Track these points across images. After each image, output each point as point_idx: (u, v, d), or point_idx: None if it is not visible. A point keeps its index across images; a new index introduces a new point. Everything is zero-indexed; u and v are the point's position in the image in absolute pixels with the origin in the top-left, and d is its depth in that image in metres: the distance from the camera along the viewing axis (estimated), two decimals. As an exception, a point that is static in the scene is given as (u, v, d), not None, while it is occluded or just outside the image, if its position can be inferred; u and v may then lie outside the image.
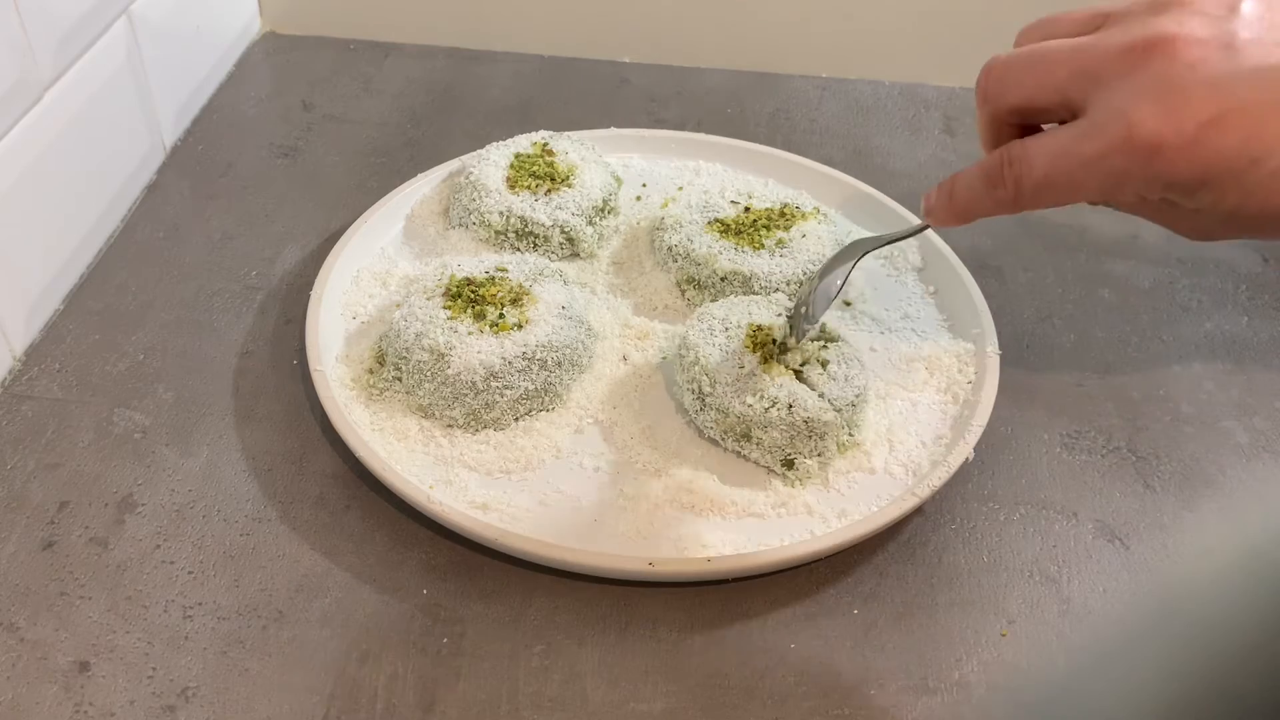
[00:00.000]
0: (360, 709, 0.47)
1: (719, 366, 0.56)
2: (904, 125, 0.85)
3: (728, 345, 0.57)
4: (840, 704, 0.48)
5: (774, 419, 0.54)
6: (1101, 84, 0.39)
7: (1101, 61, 0.40)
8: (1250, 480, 0.59)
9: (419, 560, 0.53)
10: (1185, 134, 0.37)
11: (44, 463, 0.56)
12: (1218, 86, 0.37)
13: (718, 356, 0.56)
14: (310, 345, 0.60)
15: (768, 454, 0.55)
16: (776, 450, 0.55)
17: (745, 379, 0.55)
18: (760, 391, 0.55)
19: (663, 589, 0.52)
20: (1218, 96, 0.37)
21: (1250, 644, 0.51)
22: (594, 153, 0.72)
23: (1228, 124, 0.37)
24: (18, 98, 0.60)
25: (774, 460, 0.56)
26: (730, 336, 0.57)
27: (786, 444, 0.55)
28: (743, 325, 0.58)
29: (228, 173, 0.77)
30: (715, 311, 0.59)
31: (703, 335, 0.58)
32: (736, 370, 0.56)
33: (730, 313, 0.59)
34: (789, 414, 0.54)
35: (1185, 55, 0.38)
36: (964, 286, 0.65)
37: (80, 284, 0.67)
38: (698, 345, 0.57)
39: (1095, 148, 0.39)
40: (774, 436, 0.55)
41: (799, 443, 0.55)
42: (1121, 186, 0.40)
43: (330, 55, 0.90)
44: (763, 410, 0.54)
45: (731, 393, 0.55)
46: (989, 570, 0.54)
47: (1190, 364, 0.65)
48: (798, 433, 0.54)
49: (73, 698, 0.47)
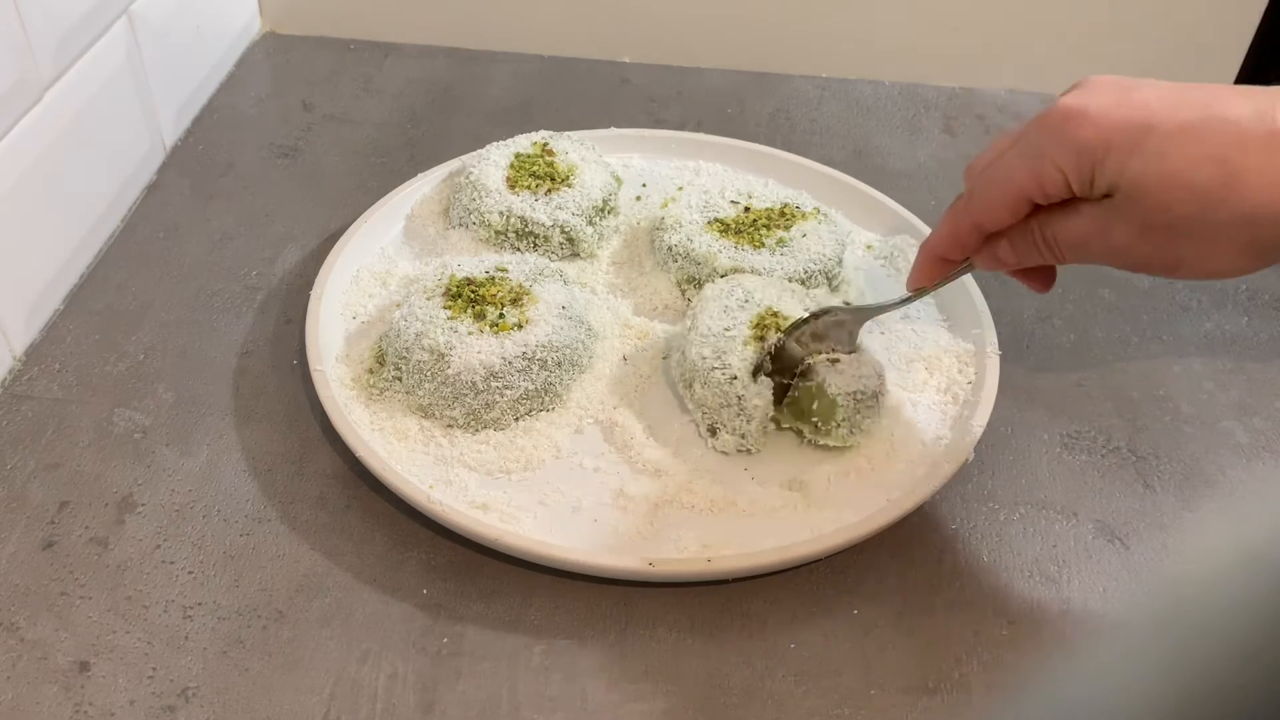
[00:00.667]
0: (360, 709, 0.47)
1: (712, 319, 0.57)
2: (904, 125, 0.85)
3: (736, 311, 0.58)
4: (840, 704, 0.48)
5: (714, 380, 0.55)
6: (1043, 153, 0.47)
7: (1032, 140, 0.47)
8: (1250, 480, 0.59)
9: (419, 560, 0.53)
10: (1091, 109, 0.45)
11: (44, 463, 0.56)
12: (1121, 88, 0.46)
13: (718, 312, 0.58)
14: (310, 345, 0.60)
15: (698, 410, 0.57)
16: (706, 410, 0.56)
17: (722, 337, 0.56)
18: (721, 352, 0.55)
19: (663, 589, 0.52)
20: (1121, 93, 0.45)
21: (1250, 644, 0.51)
22: (594, 153, 0.72)
23: (1126, 104, 0.45)
24: (18, 98, 0.60)
25: (702, 420, 0.57)
26: (745, 308, 0.58)
27: (715, 409, 0.56)
28: (763, 304, 0.58)
29: (228, 173, 0.77)
30: (747, 283, 0.60)
31: (721, 294, 0.59)
32: (722, 329, 0.57)
33: (760, 290, 0.59)
34: (728, 384, 0.55)
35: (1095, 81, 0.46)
36: (964, 286, 0.65)
37: (80, 284, 0.67)
38: (709, 298, 0.59)
39: (1020, 135, 0.48)
40: (706, 396, 0.56)
41: (725, 413, 0.56)
42: (1043, 162, 0.46)
43: (330, 55, 0.90)
44: (707, 368, 0.55)
45: (699, 340, 0.57)
46: (989, 570, 0.54)
47: (1190, 364, 0.65)
48: (727, 403, 0.55)
49: (73, 698, 0.47)
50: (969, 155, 0.81)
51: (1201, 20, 0.89)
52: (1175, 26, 0.89)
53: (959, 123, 0.85)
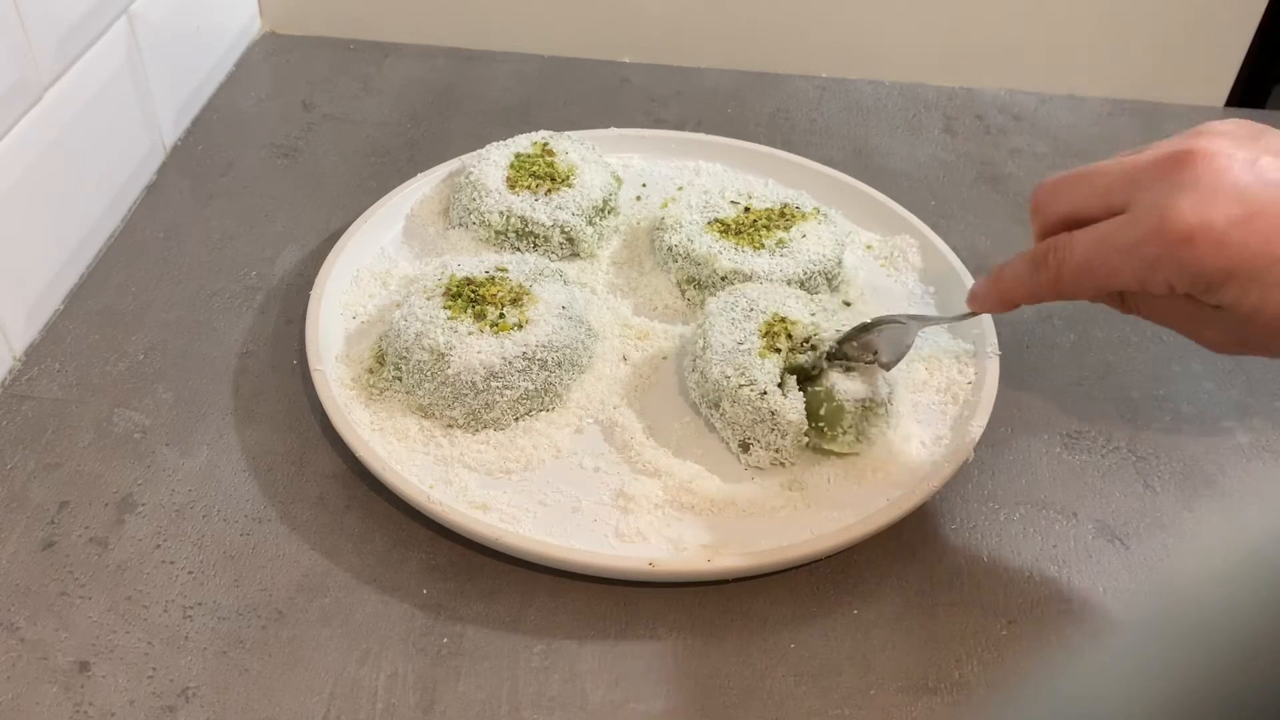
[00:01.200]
0: (360, 709, 0.47)
1: (722, 334, 0.57)
2: (904, 125, 0.85)
3: (744, 322, 0.58)
4: (840, 704, 0.48)
5: (743, 397, 0.55)
6: (1140, 187, 0.44)
7: (1141, 169, 0.44)
8: (1250, 480, 0.59)
9: (419, 560, 0.53)
10: (1214, 228, 0.41)
11: (44, 463, 0.56)
12: (1245, 191, 0.42)
13: (726, 326, 0.57)
14: (310, 345, 0.60)
15: (729, 428, 0.56)
16: (737, 428, 0.56)
17: (737, 352, 0.56)
18: (743, 368, 0.55)
19: (663, 589, 0.52)
20: (1245, 199, 0.42)
21: (1250, 644, 0.51)
22: (594, 153, 0.72)
23: (1253, 224, 0.41)
24: (18, 98, 0.60)
25: (733, 437, 0.56)
26: (751, 317, 0.58)
27: (747, 426, 0.55)
28: (769, 311, 0.58)
29: (228, 173, 0.77)
30: (749, 291, 0.60)
31: (725, 307, 0.59)
32: (735, 343, 0.56)
33: (764, 297, 0.59)
34: (759, 399, 0.54)
35: (1216, 164, 0.42)
36: (964, 286, 0.65)
37: (80, 284, 0.67)
38: (715, 313, 0.59)
39: (1131, 236, 0.44)
40: (737, 414, 0.55)
41: (759, 429, 0.55)
42: (1153, 274, 0.44)
43: (330, 55, 0.90)
44: (735, 386, 0.55)
45: (718, 360, 0.56)
46: (989, 570, 0.54)
47: (1190, 364, 0.65)
48: (760, 419, 0.55)
49: (73, 698, 0.47)
50: (969, 155, 0.81)
51: (1201, 20, 0.89)
52: (1175, 26, 0.89)
53: (959, 123, 0.85)
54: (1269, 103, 0.93)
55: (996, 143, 0.83)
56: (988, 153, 0.82)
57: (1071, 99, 0.89)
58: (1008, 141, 0.83)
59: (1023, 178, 0.80)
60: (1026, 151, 0.82)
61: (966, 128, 0.85)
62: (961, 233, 0.74)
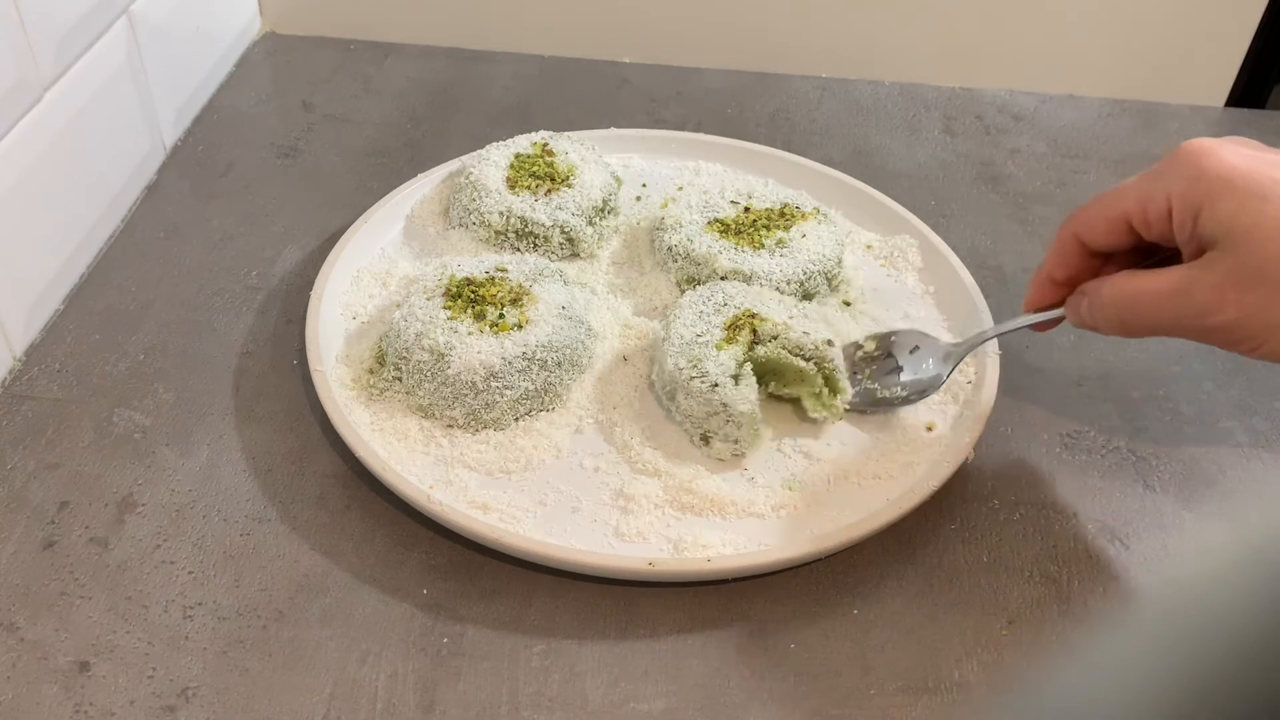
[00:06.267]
0: (360, 709, 0.47)
1: (685, 326, 0.57)
2: (904, 125, 0.85)
3: (712, 316, 0.58)
4: (840, 704, 0.48)
5: (694, 389, 0.55)
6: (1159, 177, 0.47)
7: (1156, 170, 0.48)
8: (1250, 480, 0.59)
9: (419, 560, 0.53)
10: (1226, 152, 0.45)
11: (44, 463, 0.56)
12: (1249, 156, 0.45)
13: (692, 318, 0.58)
14: (310, 345, 0.60)
15: (687, 420, 0.57)
16: (695, 420, 0.56)
17: (695, 344, 0.56)
18: (697, 360, 0.55)
19: (663, 589, 0.52)
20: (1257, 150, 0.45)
21: (1250, 644, 0.51)
22: (594, 153, 0.72)
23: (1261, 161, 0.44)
24: (18, 98, 0.60)
25: (693, 430, 0.57)
26: (722, 311, 0.58)
27: (703, 418, 0.56)
28: (741, 307, 0.58)
29: (228, 173, 0.77)
30: (729, 288, 0.60)
31: (697, 300, 0.59)
32: (694, 335, 0.56)
33: (742, 294, 0.59)
34: (710, 391, 0.55)
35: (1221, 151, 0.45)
36: (964, 286, 0.65)
37: (80, 284, 0.67)
38: (684, 305, 0.59)
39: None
40: (692, 406, 0.55)
41: (714, 421, 0.55)
42: (1156, 181, 0.47)
43: (330, 55, 0.90)
44: (687, 378, 0.55)
45: (674, 351, 0.56)
46: (989, 570, 0.54)
47: (1190, 364, 0.65)
48: (713, 411, 0.55)
49: (73, 698, 0.47)
50: (969, 155, 0.81)
51: (1201, 20, 0.89)
52: (1175, 26, 0.89)
53: (959, 123, 0.85)
54: (1269, 103, 0.93)
55: (996, 143, 0.83)
56: (988, 153, 0.82)
57: (1071, 99, 0.89)
58: (1008, 141, 0.84)
59: (1023, 178, 0.80)
60: (1026, 151, 0.82)
61: (966, 128, 0.85)
62: (961, 233, 0.74)
